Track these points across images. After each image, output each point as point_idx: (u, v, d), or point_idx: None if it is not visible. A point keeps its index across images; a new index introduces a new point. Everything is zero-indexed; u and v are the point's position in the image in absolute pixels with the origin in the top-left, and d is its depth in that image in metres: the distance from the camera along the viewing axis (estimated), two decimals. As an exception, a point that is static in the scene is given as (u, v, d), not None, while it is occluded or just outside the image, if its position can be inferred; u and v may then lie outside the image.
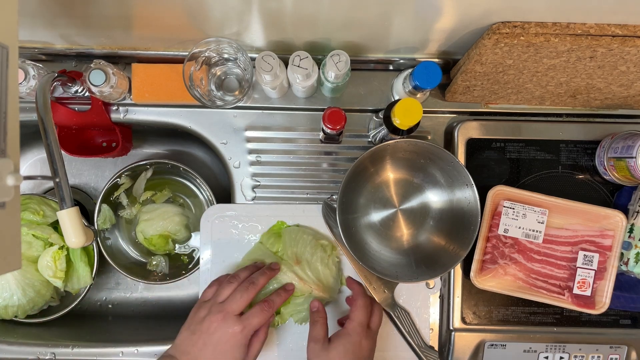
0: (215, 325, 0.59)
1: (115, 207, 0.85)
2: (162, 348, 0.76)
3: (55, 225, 0.79)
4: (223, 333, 0.58)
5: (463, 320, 0.73)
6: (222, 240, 0.74)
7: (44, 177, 0.89)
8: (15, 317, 0.77)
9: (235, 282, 0.64)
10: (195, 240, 0.88)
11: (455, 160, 0.66)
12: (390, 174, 0.74)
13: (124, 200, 0.84)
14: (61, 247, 0.78)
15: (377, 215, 0.74)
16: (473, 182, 0.66)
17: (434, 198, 0.73)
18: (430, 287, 0.74)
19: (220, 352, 0.58)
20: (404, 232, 0.74)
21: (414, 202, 0.74)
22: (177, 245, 0.88)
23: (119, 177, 0.79)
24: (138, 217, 0.85)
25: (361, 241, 0.72)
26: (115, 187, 0.81)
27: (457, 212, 0.70)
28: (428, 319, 0.74)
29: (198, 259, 0.81)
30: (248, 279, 0.64)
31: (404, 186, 0.74)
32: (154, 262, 0.84)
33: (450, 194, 0.71)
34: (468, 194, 0.67)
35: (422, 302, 0.74)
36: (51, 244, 0.79)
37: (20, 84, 0.64)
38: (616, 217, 0.69)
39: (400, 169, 0.73)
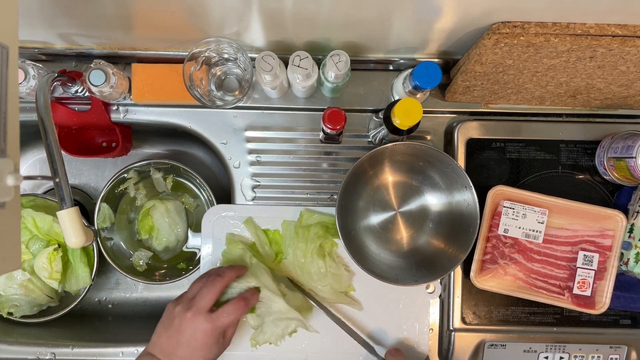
0: (186, 323, 0.59)
1: (118, 202, 0.85)
2: (162, 348, 0.76)
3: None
4: (194, 330, 0.58)
5: (463, 320, 0.73)
6: (222, 240, 0.74)
7: (44, 177, 0.89)
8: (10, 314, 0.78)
9: (205, 277, 0.63)
10: (194, 241, 0.88)
11: (454, 162, 0.66)
12: (389, 177, 0.74)
13: (132, 191, 0.84)
14: (56, 248, 0.78)
15: (376, 218, 0.74)
16: (472, 185, 0.66)
17: (433, 201, 0.73)
18: (430, 291, 0.74)
19: (195, 349, 0.59)
20: (404, 234, 0.74)
21: (413, 205, 0.74)
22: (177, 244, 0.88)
23: (126, 172, 0.79)
24: (148, 211, 0.85)
25: (361, 244, 0.72)
26: (121, 182, 0.81)
27: (456, 214, 0.70)
28: (428, 324, 0.73)
29: (198, 258, 0.81)
30: (215, 271, 0.64)
31: (403, 189, 0.74)
32: (138, 260, 0.84)
33: (449, 196, 0.70)
34: (467, 197, 0.67)
35: (422, 306, 0.74)
36: (47, 244, 0.79)
37: (20, 84, 0.64)
38: (616, 217, 0.69)
39: (399, 171, 0.73)
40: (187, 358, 0.59)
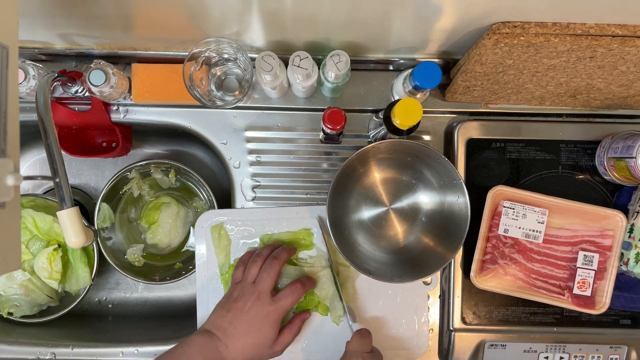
0: (249, 305, 0.64)
1: (118, 201, 0.85)
2: (162, 348, 0.76)
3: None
4: (257, 312, 0.63)
5: (463, 320, 0.73)
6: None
7: (44, 177, 0.89)
8: (10, 314, 0.78)
9: (260, 260, 0.67)
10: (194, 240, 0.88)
11: (442, 157, 0.65)
12: (380, 174, 0.74)
13: (136, 191, 0.84)
14: (56, 248, 0.78)
15: (369, 216, 0.74)
16: (461, 178, 0.66)
17: (424, 195, 0.73)
18: (428, 283, 0.74)
19: (254, 330, 0.63)
20: (397, 230, 0.74)
21: (405, 201, 0.74)
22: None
23: (127, 172, 0.79)
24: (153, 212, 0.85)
25: (354, 243, 0.72)
26: (121, 181, 0.81)
27: (447, 209, 0.70)
28: (427, 316, 0.74)
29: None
30: (271, 255, 0.68)
31: (394, 185, 0.74)
32: (133, 255, 0.83)
33: (439, 191, 0.71)
34: (457, 191, 0.67)
35: (420, 299, 0.74)
36: (47, 244, 0.79)
37: (20, 84, 0.64)
38: (616, 217, 0.69)
39: (389, 168, 0.73)
40: (243, 335, 0.63)
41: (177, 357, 0.61)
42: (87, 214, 0.87)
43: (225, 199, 0.78)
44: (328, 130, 0.64)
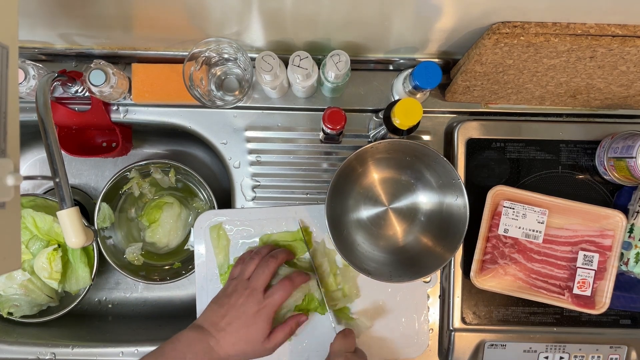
0: (242, 300, 0.64)
1: (118, 201, 0.85)
2: (162, 348, 0.76)
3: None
4: (248, 307, 0.63)
5: (463, 320, 0.73)
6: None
7: (44, 177, 0.89)
8: (10, 314, 0.78)
9: (257, 258, 0.68)
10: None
11: (440, 156, 0.65)
12: (379, 174, 0.74)
13: (137, 190, 0.84)
14: (56, 248, 0.78)
15: (367, 216, 0.74)
16: (460, 178, 0.65)
17: (423, 195, 0.73)
18: (427, 281, 0.74)
19: (245, 325, 0.63)
20: (396, 230, 0.74)
21: (404, 200, 0.74)
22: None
23: (127, 171, 0.79)
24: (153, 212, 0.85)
25: (353, 243, 0.72)
26: (122, 181, 0.81)
27: (446, 209, 0.70)
28: (426, 315, 0.74)
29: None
30: (269, 254, 0.68)
31: (393, 185, 0.74)
32: (132, 254, 0.83)
33: (438, 191, 0.71)
34: (456, 190, 0.67)
35: (420, 297, 0.74)
36: (47, 244, 0.79)
37: (20, 84, 0.64)
38: (616, 217, 0.69)
39: (388, 168, 0.73)
40: (235, 330, 0.62)
41: (167, 353, 0.61)
42: (87, 214, 0.87)
43: (225, 199, 0.78)
44: (328, 130, 0.64)
